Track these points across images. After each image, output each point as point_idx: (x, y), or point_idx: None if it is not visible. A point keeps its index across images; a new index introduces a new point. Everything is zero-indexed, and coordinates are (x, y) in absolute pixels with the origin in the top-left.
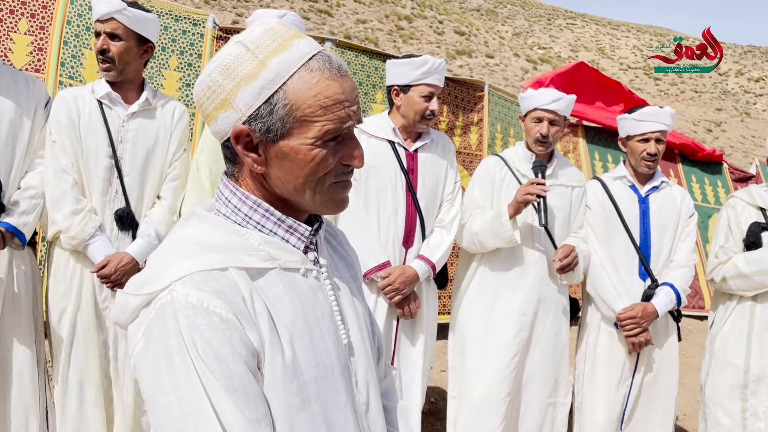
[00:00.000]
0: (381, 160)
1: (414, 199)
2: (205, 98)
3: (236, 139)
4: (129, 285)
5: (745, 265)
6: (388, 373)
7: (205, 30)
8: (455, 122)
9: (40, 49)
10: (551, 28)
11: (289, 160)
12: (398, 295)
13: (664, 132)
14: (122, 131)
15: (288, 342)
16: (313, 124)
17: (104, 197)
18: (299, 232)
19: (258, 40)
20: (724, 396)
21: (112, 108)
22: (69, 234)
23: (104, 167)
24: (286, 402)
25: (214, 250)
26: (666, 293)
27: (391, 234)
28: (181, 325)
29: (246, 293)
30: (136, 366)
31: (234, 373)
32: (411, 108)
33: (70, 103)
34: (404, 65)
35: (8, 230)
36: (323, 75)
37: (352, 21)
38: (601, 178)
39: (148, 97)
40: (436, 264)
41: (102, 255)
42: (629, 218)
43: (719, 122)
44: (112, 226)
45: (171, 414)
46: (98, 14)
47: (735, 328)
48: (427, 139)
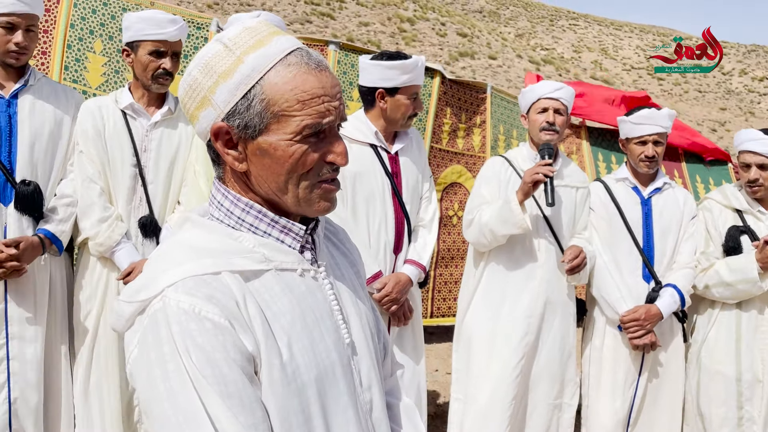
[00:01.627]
0: (366, 167)
1: (401, 204)
2: (188, 98)
3: (215, 136)
4: (125, 292)
5: (728, 273)
6: (394, 371)
7: (208, 34)
8: (458, 124)
9: (44, 53)
10: (554, 29)
11: (269, 156)
12: (395, 305)
13: (662, 134)
14: (146, 140)
15: (285, 344)
16: (291, 119)
17: (129, 205)
18: (294, 232)
19: (236, 37)
20: (720, 406)
21: (135, 118)
22: (96, 241)
23: (129, 176)
24: (284, 405)
25: (207, 255)
26: (670, 294)
27: (382, 242)
28: (174, 332)
29: (239, 297)
30: (132, 374)
31: (228, 379)
32: (398, 110)
33: (95, 114)
34: (392, 69)
35: (47, 237)
36: (300, 69)
37: (355, 24)
38: (603, 180)
39: (170, 107)
40: (425, 266)
41: (128, 262)
42: (632, 220)
43: (723, 122)
44: (137, 233)
45: (167, 421)
46: (166, 36)
47: (720, 336)
48: (405, 140)
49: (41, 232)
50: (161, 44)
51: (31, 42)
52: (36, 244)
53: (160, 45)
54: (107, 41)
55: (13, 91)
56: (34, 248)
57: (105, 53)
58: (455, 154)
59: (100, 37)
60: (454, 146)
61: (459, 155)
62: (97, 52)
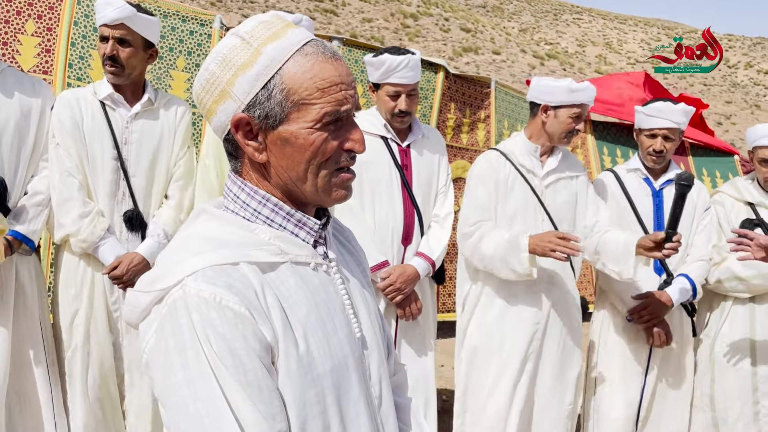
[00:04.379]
0: (375, 157)
1: (410, 195)
2: (205, 93)
3: (236, 128)
4: (140, 282)
5: (742, 269)
6: (399, 370)
7: (212, 30)
8: (462, 119)
9: (48, 51)
10: (558, 24)
11: (290, 145)
12: (399, 295)
13: (673, 129)
14: (126, 132)
15: (302, 335)
16: (311, 107)
17: (112, 199)
18: (308, 226)
19: (252, 30)
20: (736, 401)
21: (115, 109)
22: (79, 237)
23: (110, 169)
24: (300, 395)
25: (224, 246)
26: (682, 283)
27: (389, 231)
28: (194, 320)
29: (258, 287)
30: (148, 363)
31: (248, 368)
32: (381, 107)
33: (73, 105)
34: (370, 65)
35: (17, 238)
36: (318, 58)
37: (358, 20)
38: (615, 170)
39: (150, 97)
40: (435, 261)
41: (113, 256)
42: (643, 211)
43: (729, 115)
44: (121, 227)
45: (185, 409)
46: (107, 19)
47: (735, 331)
48: (418, 134)
49: (11, 234)
50: (104, 28)
51: None
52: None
53: (104, 29)
54: None
55: None
56: None
57: None
58: (459, 149)
59: None
60: (459, 141)
61: (463, 150)
62: (99, 52)
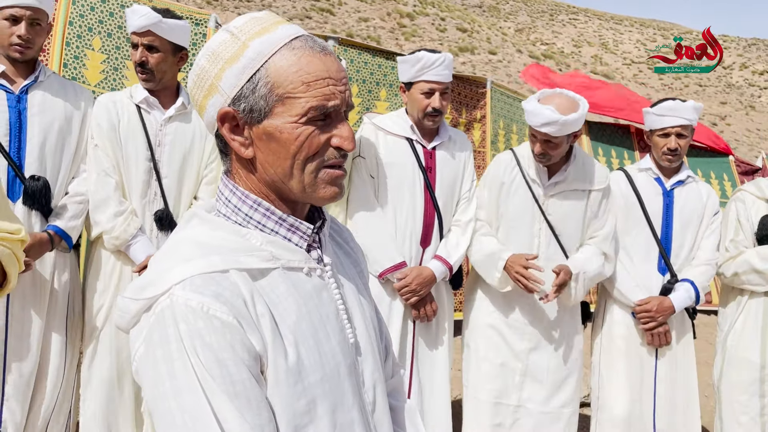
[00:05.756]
0: (399, 158)
1: (432, 198)
2: (196, 88)
3: (222, 122)
4: (130, 289)
5: (759, 261)
6: (396, 372)
7: (207, 30)
8: (458, 119)
9: (42, 50)
10: (554, 24)
11: (275, 140)
12: (415, 297)
13: (686, 127)
14: (160, 135)
15: (292, 343)
16: (296, 101)
17: (143, 199)
18: (301, 231)
19: (243, 25)
20: (742, 394)
21: (149, 112)
22: (112, 235)
23: (143, 170)
24: (290, 405)
25: (214, 252)
26: (686, 289)
27: (408, 232)
28: (181, 330)
29: (247, 295)
30: (137, 371)
31: (236, 378)
32: (414, 105)
33: (110, 108)
34: (404, 62)
35: (57, 233)
36: (305, 52)
37: (354, 19)
38: (626, 169)
39: (184, 101)
40: (453, 265)
41: (144, 255)
42: (652, 211)
43: (724, 116)
44: (152, 226)
45: (172, 420)
46: (135, 27)
47: (747, 324)
48: (444, 137)
49: (51, 228)
50: (134, 36)
51: (36, 36)
52: (44, 240)
53: (133, 37)
54: (106, 38)
55: (23, 87)
56: (41, 245)
57: (104, 50)
58: None
59: (99, 35)
60: None
61: None
62: (96, 49)
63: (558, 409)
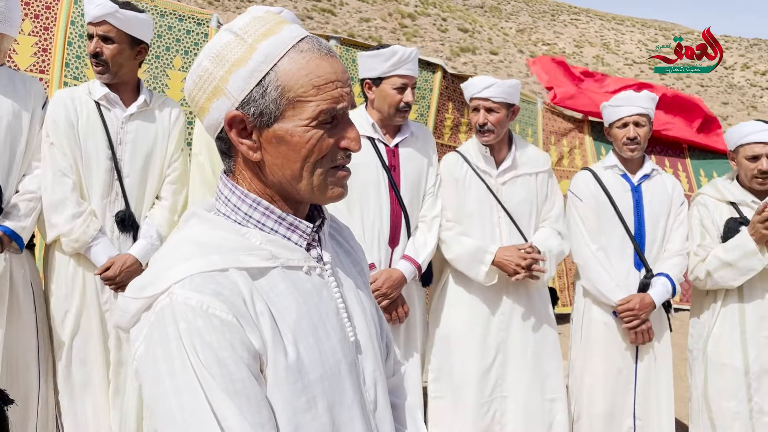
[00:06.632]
0: (362, 158)
1: (398, 197)
2: (197, 90)
3: (230, 126)
4: (130, 288)
5: (725, 253)
6: (397, 371)
7: (209, 30)
8: (460, 119)
9: (45, 50)
10: (555, 24)
11: (285, 143)
12: (386, 300)
13: (642, 115)
14: (121, 133)
15: (291, 342)
16: (307, 104)
17: (104, 199)
18: (300, 230)
19: (246, 26)
20: (730, 400)
21: (110, 110)
22: (71, 237)
23: (104, 169)
24: (290, 403)
25: (214, 251)
26: (662, 284)
27: (376, 233)
28: (181, 329)
29: (247, 294)
30: (138, 370)
31: (235, 377)
32: (384, 101)
33: (68, 104)
34: (374, 57)
35: (6, 234)
36: (313, 55)
37: (356, 19)
38: (592, 168)
39: (146, 99)
40: (422, 264)
41: (105, 257)
42: (623, 208)
43: (725, 116)
44: (113, 228)
45: (172, 419)
46: (90, 17)
47: (725, 329)
48: (406, 133)
49: (1, 229)
50: (90, 26)
51: None
52: None
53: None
54: None
55: None
56: None
57: None
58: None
59: None
60: (457, 141)
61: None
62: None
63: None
